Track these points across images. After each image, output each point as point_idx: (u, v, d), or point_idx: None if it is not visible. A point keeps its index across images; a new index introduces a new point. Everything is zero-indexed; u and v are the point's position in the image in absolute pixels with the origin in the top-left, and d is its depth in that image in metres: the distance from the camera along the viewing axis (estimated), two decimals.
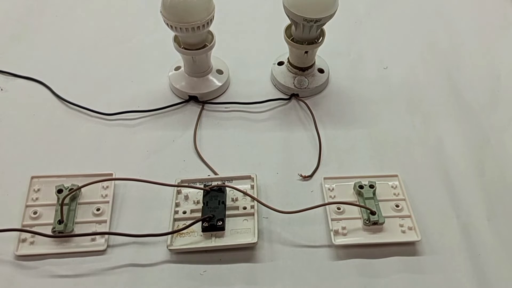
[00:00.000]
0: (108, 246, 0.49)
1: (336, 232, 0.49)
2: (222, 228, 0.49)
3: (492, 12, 0.79)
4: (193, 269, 0.48)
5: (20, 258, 0.48)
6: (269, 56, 0.69)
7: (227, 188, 0.52)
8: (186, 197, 0.52)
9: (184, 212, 0.51)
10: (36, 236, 0.49)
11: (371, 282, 0.47)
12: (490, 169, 0.56)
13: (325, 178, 0.54)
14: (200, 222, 0.49)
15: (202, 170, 0.56)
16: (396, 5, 0.81)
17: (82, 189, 0.51)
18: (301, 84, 0.64)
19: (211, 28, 0.58)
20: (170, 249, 0.48)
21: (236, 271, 0.47)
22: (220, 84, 0.64)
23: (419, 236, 0.49)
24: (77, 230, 0.49)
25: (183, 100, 0.64)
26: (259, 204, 0.51)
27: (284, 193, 0.54)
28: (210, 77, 0.64)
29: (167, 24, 0.55)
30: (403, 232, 0.50)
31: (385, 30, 0.76)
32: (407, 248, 0.49)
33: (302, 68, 0.64)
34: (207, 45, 0.59)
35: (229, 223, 0.50)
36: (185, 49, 0.59)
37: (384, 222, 0.49)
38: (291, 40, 0.61)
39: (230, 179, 0.54)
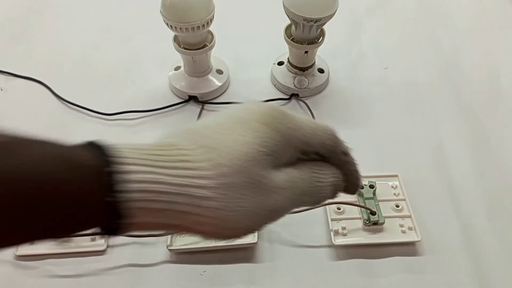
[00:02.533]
0: (108, 246, 0.49)
1: (336, 232, 0.49)
2: None
3: (492, 12, 0.79)
4: (193, 269, 0.48)
5: (20, 258, 0.48)
6: (269, 56, 0.69)
7: None
8: None
9: None
10: None
11: (371, 282, 0.47)
12: (490, 169, 0.56)
13: None
14: None
15: None
16: (396, 5, 0.81)
17: None
18: (301, 84, 0.64)
19: (211, 28, 0.58)
20: (170, 249, 0.48)
21: (236, 271, 0.47)
22: (220, 84, 0.64)
23: (419, 236, 0.49)
24: None
25: (183, 100, 0.64)
26: None
27: None
28: (210, 77, 0.64)
29: (167, 24, 0.55)
30: (403, 232, 0.49)
31: (385, 30, 0.76)
32: (407, 248, 0.49)
33: (302, 68, 0.64)
34: (207, 45, 0.59)
35: None
36: (185, 49, 0.59)
37: (384, 222, 0.49)
38: (291, 40, 0.60)
39: None
